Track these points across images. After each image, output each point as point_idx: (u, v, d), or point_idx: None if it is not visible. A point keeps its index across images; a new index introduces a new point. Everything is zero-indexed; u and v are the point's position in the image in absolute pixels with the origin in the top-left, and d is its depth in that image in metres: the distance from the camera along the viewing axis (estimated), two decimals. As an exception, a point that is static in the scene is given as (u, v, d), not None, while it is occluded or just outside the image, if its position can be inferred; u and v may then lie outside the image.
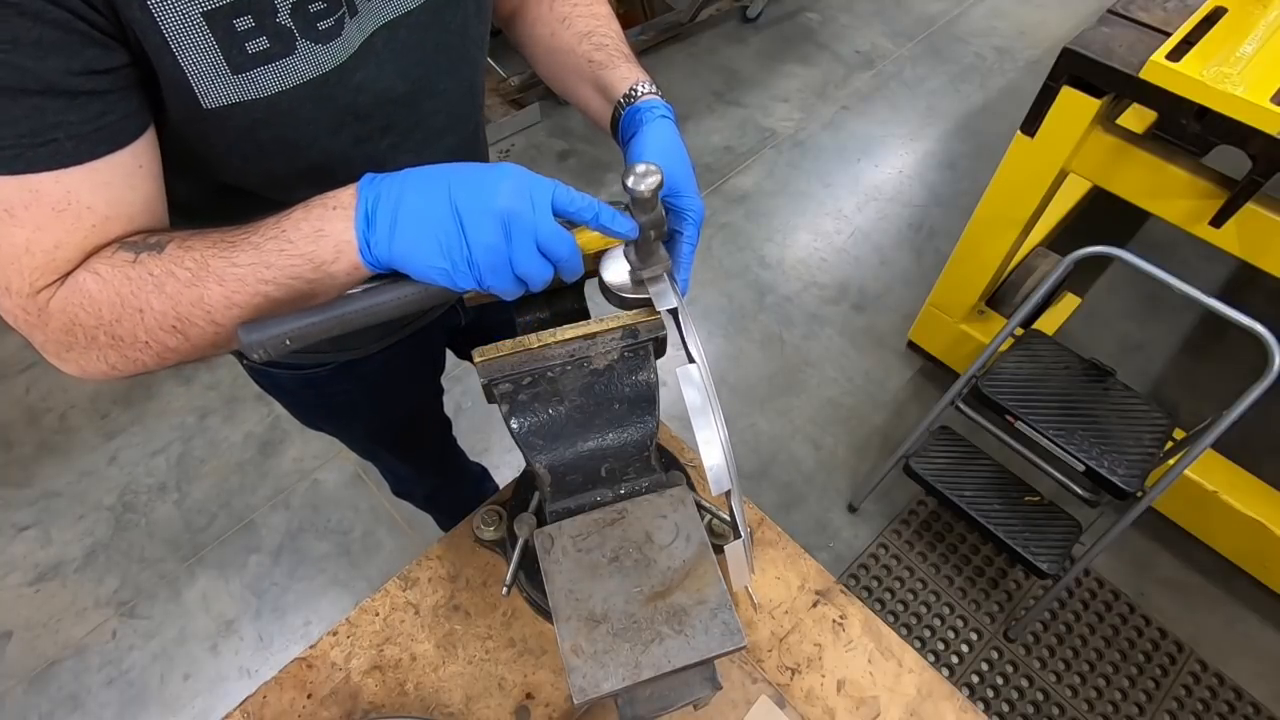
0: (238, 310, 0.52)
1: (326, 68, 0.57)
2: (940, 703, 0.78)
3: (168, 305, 0.51)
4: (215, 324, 0.52)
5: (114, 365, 0.54)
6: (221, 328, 0.52)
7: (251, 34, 0.52)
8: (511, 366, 0.64)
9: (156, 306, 0.51)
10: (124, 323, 0.51)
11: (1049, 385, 1.51)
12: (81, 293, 0.51)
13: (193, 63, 0.51)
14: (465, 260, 0.50)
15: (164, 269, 0.51)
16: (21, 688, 1.65)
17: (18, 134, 0.46)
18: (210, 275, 0.51)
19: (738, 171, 2.68)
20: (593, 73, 0.72)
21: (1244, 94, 1.19)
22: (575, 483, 0.65)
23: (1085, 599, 1.77)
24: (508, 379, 0.64)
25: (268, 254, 0.51)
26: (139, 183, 0.53)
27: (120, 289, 0.51)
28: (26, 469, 1.97)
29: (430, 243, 0.50)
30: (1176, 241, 1.59)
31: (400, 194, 0.51)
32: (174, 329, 0.52)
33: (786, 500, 1.94)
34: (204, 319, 0.52)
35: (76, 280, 0.51)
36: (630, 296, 0.65)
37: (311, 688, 0.78)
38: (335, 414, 1.05)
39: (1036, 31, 3.20)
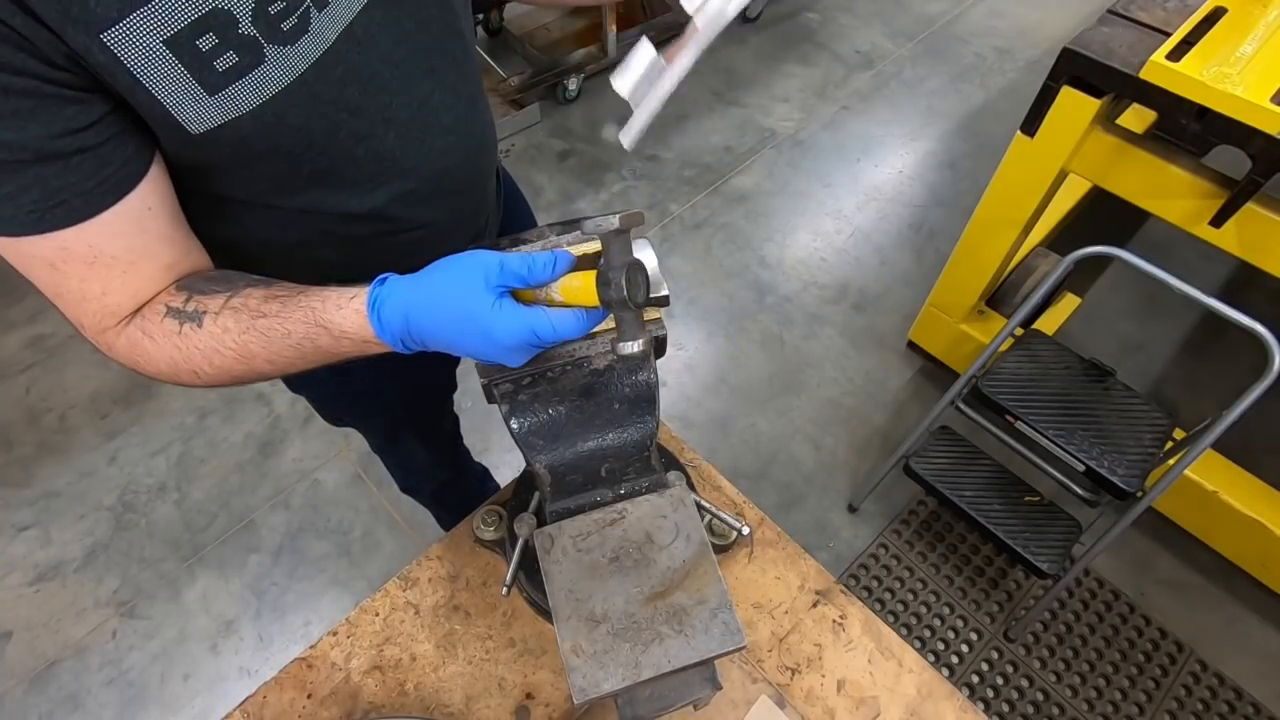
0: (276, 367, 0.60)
1: (301, 68, 0.56)
2: (940, 703, 0.78)
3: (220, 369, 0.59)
4: (258, 374, 0.60)
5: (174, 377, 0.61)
6: (261, 375, 0.61)
7: (217, 51, 0.51)
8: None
9: (208, 371, 0.59)
10: (181, 375, 0.60)
11: (1049, 385, 1.51)
12: (139, 349, 0.59)
13: (168, 93, 0.51)
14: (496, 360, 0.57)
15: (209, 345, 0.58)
16: (21, 688, 1.65)
17: (33, 200, 0.50)
18: (253, 334, 0.58)
19: (738, 171, 2.68)
20: None
21: (1244, 94, 1.18)
22: (575, 483, 0.65)
23: (1085, 599, 1.77)
24: (508, 379, 0.64)
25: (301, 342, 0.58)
26: (150, 224, 0.57)
27: (172, 355, 0.58)
28: (26, 469, 1.97)
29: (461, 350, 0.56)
30: (1176, 241, 1.59)
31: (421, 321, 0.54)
32: (230, 374, 0.60)
33: (786, 500, 1.94)
34: (250, 370, 0.60)
35: (133, 335, 0.59)
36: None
37: (311, 688, 0.78)
38: (360, 403, 1.06)
39: (1036, 31, 3.20)
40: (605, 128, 0.68)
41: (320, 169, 0.63)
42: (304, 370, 0.60)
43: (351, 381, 0.96)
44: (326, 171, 0.64)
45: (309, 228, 0.70)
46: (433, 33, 0.66)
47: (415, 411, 1.14)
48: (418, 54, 0.65)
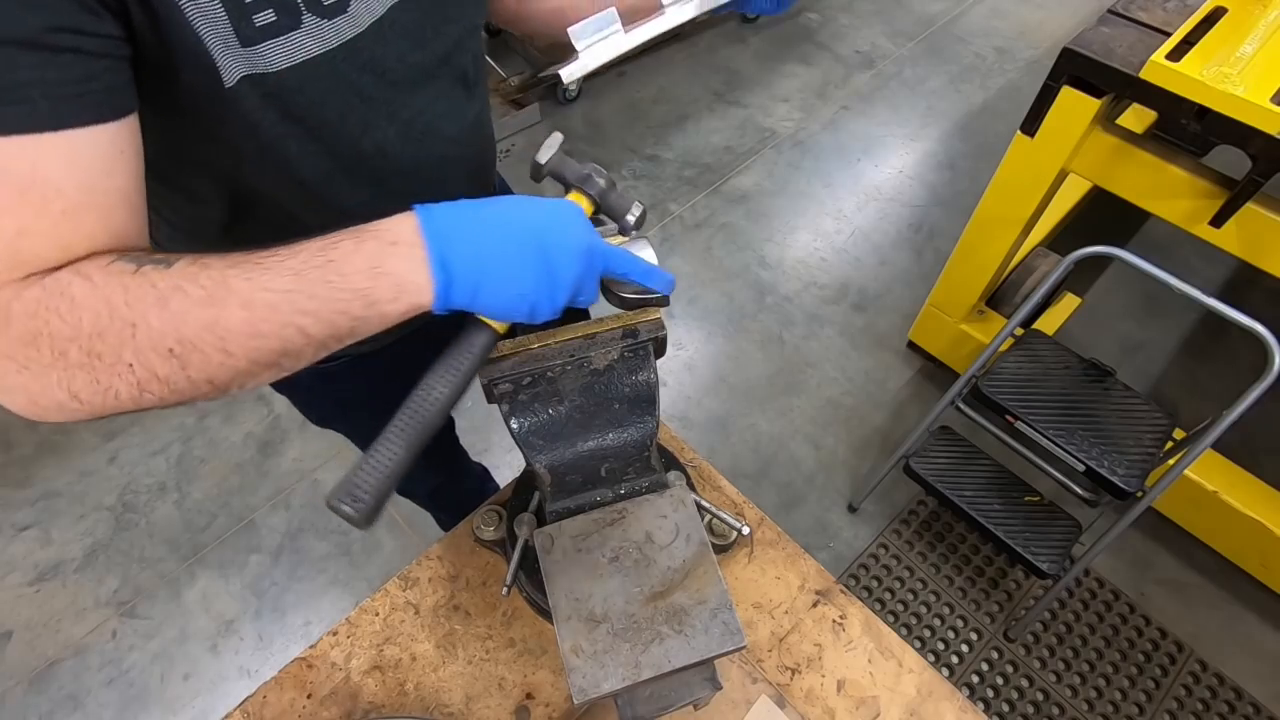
0: (260, 342, 0.46)
1: (333, 44, 0.57)
2: (940, 703, 0.78)
3: (170, 324, 0.44)
4: (227, 354, 0.46)
5: (76, 394, 0.44)
6: (232, 360, 0.46)
7: (259, 5, 0.51)
8: (511, 366, 0.64)
9: (155, 323, 0.44)
10: (108, 337, 0.43)
11: (1049, 385, 1.51)
12: (61, 295, 0.43)
13: (207, 31, 0.49)
14: (550, 297, 0.52)
15: (171, 283, 0.44)
16: (21, 688, 1.65)
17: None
18: (232, 297, 0.45)
19: (738, 171, 2.68)
20: None
21: (1244, 94, 1.18)
22: (575, 483, 0.65)
23: (1085, 599, 1.77)
24: (508, 379, 0.64)
25: (311, 283, 0.46)
26: (118, 170, 0.47)
27: (112, 297, 0.44)
28: (26, 469, 1.97)
29: (518, 283, 0.50)
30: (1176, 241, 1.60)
31: (481, 237, 0.50)
32: (170, 353, 0.44)
33: (786, 500, 1.94)
34: (214, 346, 0.45)
35: (58, 280, 0.44)
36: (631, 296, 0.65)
37: (311, 688, 0.78)
38: (345, 409, 1.05)
39: (1036, 31, 3.20)
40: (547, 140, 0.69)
41: (325, 150, 0.63)
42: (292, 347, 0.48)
43: (334, 385, 0.95)
44: (330, 154, 0.64)
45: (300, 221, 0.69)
46: (448, 46, 0.68)
47: None
48: (431, 62, 0.66)
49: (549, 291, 0.52)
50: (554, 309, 0.53)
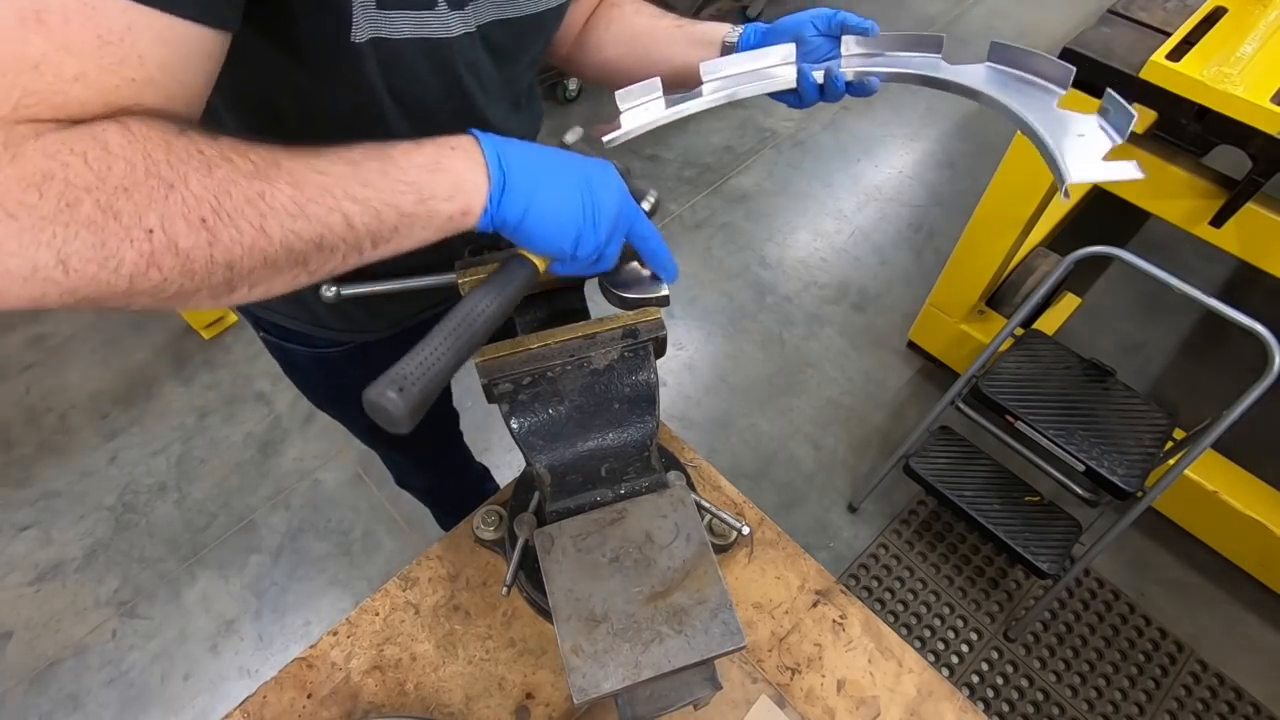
0: (302, 225, 0.43)
1: (455, 33, 0.60)
2: (940, 703, 0.78)
3: (211, 191, 0.40)
4: (263, 233, 0.42)
5: (66, 258, 0.38)
6: (265, 243, 0.43)
7: None
8: (511, 366, 0.64)
9: (195, 188, 0.40)
10: (136, 194, 0.39)
11: (1049, 385, 1.51)
12: (94, 139, 0.39)
13: None
14: (594, 226, 0.54)
15: (218, 152, 0.42)
16: (21, 688, 1.65)
17: None
18: (282, 174, 0.43)
19: (738, 171, 2.68)
20: (685, 33, 0.79)
21: (1244, 94, 1.19)
22: (575, 483, 0.65)
23: (1085, 599, 1.77)
24: (508, 379, 0.64)
25: (366, 172, 0.46)
26: (197, 71, 0.45)
27: (152, 151, 0.40)
28: (26, 469, 1.97)
29: (567, 208, 0.53)
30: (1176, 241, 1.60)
31: (537, 160, 0.53)
32: (202, 223, 0.40)
33: (786, 500, 1.94)
34: (253, 222, 0.42)
35: (94, 126, 0.39)
36: (631, 296, 0.65)
37: (311, 688, 0.78)
38: (342, 397, 1.05)
39: (1036, 31, 3.20)
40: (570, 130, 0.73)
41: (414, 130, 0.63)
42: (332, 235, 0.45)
43: (336, 375, 0.96)
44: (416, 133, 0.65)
45: None
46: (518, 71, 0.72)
47: None
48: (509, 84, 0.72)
49: (592, 224, 0.54)
50: (595, 245, 0.55)
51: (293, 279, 0.46)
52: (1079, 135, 0.64)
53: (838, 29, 0.73)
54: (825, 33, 0.74)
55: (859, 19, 0.73)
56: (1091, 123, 0.65)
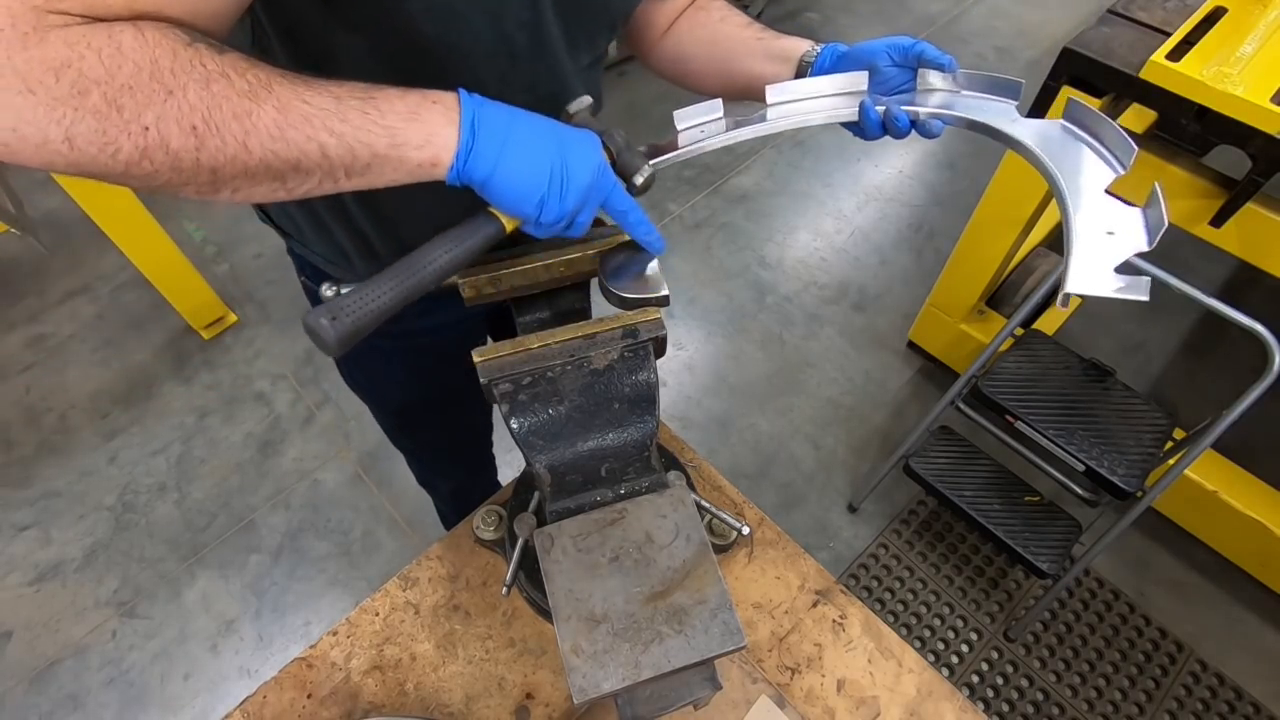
0: (280, 147, 0.47)
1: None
2: (940, 703, 0.78)
3: (204, 102, 0.44)
4: (245, 148, 0.46)
5: (72, 137, 0.43)
6: (246, 156, 0.47)
7: None
8: (511, 366, 0.64)
9: (190, 97, 0.44)
10: (138, 93, 0.43)
11: (1049, 385, 1.51)
12: (110, 38, 0.42)
13: None
14: (559, 195, 0.55)
15: (219, 68, 0.45)
16: (21, 688, 1.65)
17: None
18: (271, 97, 0.46)
19: (738, 171, 2.68)
20: (764, 46, 0.79)
21: (1244, 94, 1.19)
22: (575, 483, 0.65)
23: (1085, 599, 1.77)
24: (508, 379, 0.64)
25: (347, 109, 0.49)
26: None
27: (159, 58, 0.43)
28: (26, 469, 1.97)
29: (533, 174, 0.54)
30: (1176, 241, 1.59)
31: (510, 124, 0.54)
32: (193, 130, 0.45)
33: (786, 500, 1.94)
34: (236, 136, 0.46)
35: (112, 26, 0.43)
36: (631, 296, 0.65)
37: (311, 688, 0.78)
38: (371, 381, 1.06)
39: (1036, 31, 3.20)
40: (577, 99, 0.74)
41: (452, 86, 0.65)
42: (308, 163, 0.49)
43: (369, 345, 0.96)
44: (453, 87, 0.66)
45: None
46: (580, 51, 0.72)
47: (428, 402, 1.10)
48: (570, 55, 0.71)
49: (559, 191, 0.55)
50: (560, 211, 0.56)
51: (270, 191, 0.50)
52: (1109, 233, 0.60)
53: (914, 60, 0.70)
54: (900, 63, 0.71)
55: (937, 52, 0.70)
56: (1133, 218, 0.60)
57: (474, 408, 1.21)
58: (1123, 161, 0.63)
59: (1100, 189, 0.62)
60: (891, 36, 0.71)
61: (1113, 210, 0.61)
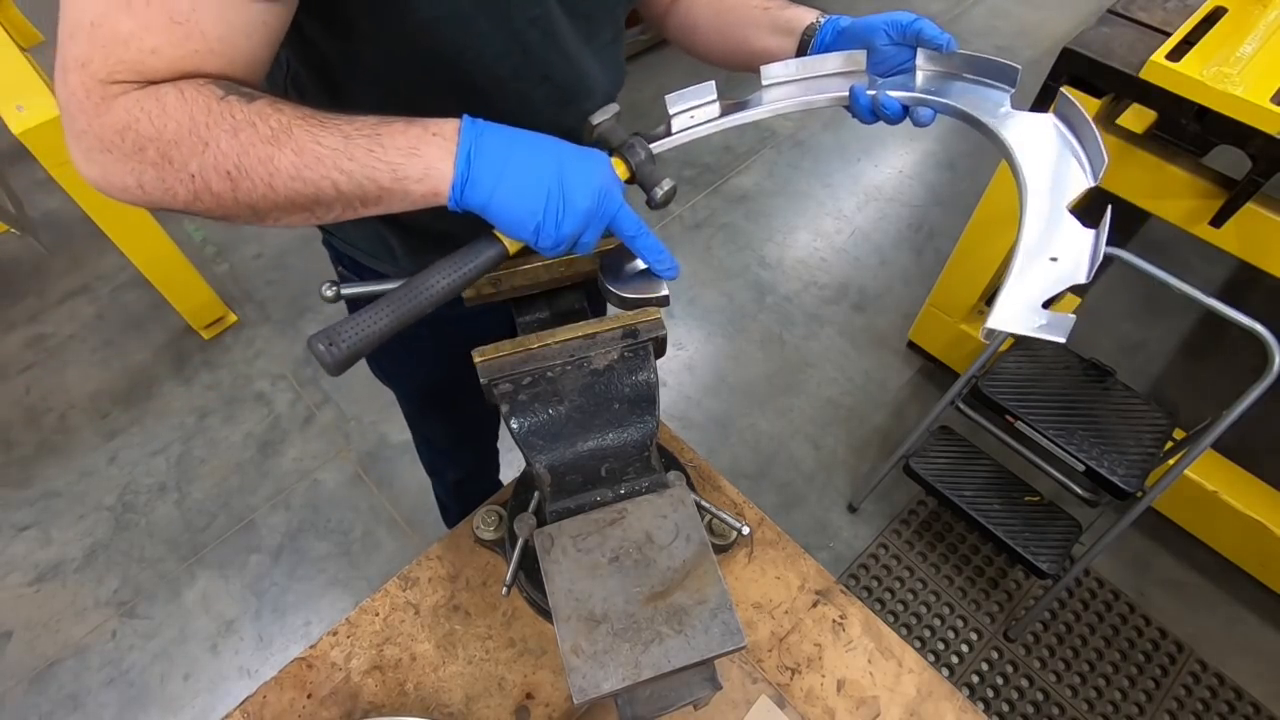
0: (300, 185, 0.53)
1: None
2: (940, 703, 0.78)
3: (234, 151, 0.51)
4: (271, 188, 0.52)
5: (142, 185, 0.52)
6: (274, 195, 0.53)
7: None
8: (511, 366, 0.64)
9: (223, 147, 0.51)
10: (182, 147, 0.51)
11: (1049, 385, 1.51)
12: (157, 101, 0.50)
13: None
14: (556, 221, 0.56)
15: (246, 118, 0.51)
16: (21, 688, 1.65)
17: None
18: (290, 141, 0.52)
19: (738, 171, 2.68)
20: (770, 17, 0.78)
21: (1244, 94, 1.19)
22: (575, 483, 0.65)
23: (1085, 599, 1.77)
24: (508, 379, 0.64)
25: (355, 148, 0.53)
26: (256, 38, 0.54)
27: (196, 115, 0.51)
28: (26, 469, 1.97)
29: (529, 200, 0.55)
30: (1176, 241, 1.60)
31: (508, 151, 0.56)
32: (228, 175, 0.52)
33: (786, 500, 1.94)
34: (263, 178, 0.52)
35: (160, 89, 0.51)
36: (631, 296, 0.65)
37: (311, 688, 0.78)
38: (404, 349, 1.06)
39: (1036, 31, 3.20)
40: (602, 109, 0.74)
41: (471, 88, 0.66)
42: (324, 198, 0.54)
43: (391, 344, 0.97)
44: (470, 91, 0.66)
45: None
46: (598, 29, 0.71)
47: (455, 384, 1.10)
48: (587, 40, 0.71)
49: (555, 217, 0.56)
50: (558, 237, 0.57)
51: (305, 219, 0.56)
52: (1052, 259, 0.57)
53: (912, 39, 0.70)
54: (898, 41, 0.70)
55: (935, 31, 0.69)
56: (1082, 244, 0.57)
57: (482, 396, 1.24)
58: (1095, 172, 0.62)
59: (1066, 201, 0.60)
60: (893, 12, 0.70)
61: (1066, 231, 0.58)
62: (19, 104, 1.58)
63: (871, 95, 0.68)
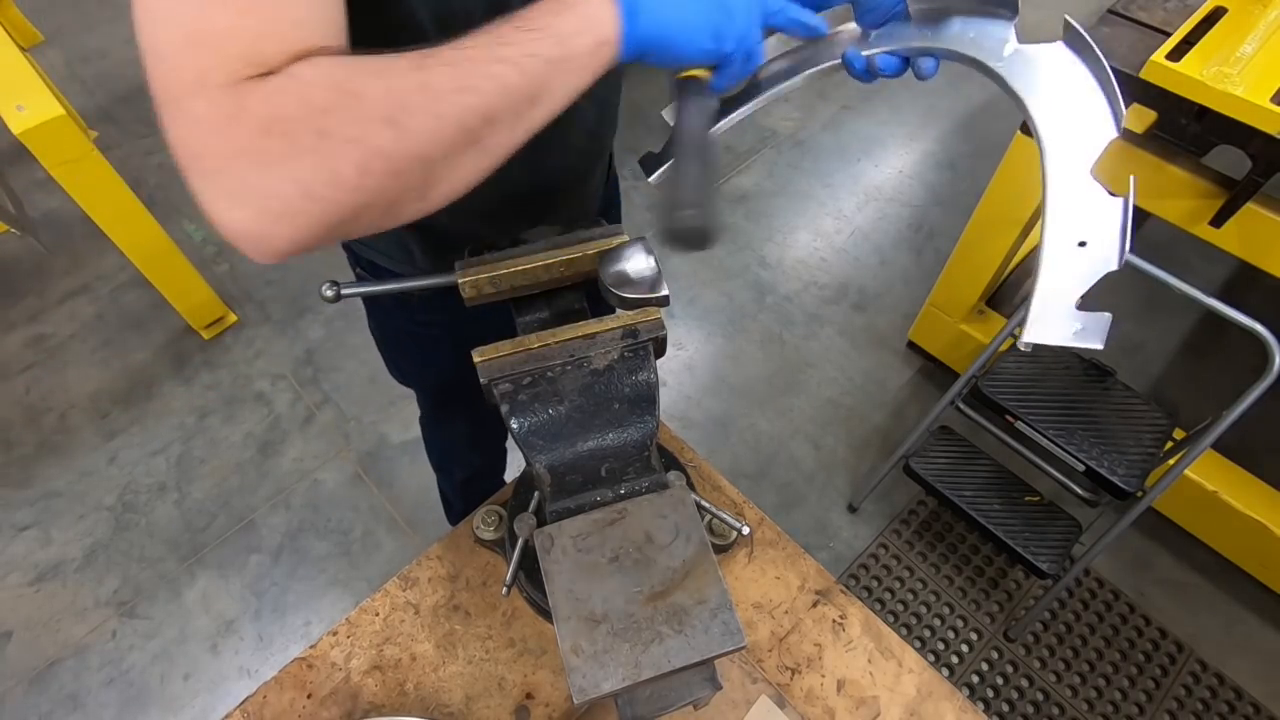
0: (464, 99, 0.48)
1: None
2: (940, 703, 0.78)
3: (386, 90, 0.47)
4: (437, 116, 0.47)
5: (305, 185, 0.45)
6: (441, 125, 0.48)
7: None
8: (511, 366, 0.64)
9: (374, 92, 0.46)
10: (335, 112, 0.45)
11: (1049, 385, 1.51)
12: (291, 77, 0.46)
13: None
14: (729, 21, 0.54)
15: (382, 60, 0.48)
16: (21, 688, 1.65)
17: None
18: (435, 61, 0.48)
19: (738, 171, 2.68)
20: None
21: (1244, 94, 1.19)
22: (575, 483, 0.65)
23: (1085, 599, 1.77)
24: (508, 379, 0.64)
25: (501, 34, 0.50)
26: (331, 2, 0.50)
27: (335, 73, 0.46)
28: (26, 469, 1.97)
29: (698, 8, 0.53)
30: (1176, 241, 1.60)
31: None
32: (389, 120, 0.46)
33: (786, 500, 1.94)
34: (426, 108, 0.47)
35: (288, 69, 0.46)
36: (631, 296, 0.65)
37: (311, 688, 0.78)
38: (419, 349, 1.07)
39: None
40: None
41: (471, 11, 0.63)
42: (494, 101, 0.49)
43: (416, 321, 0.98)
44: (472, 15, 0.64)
45: None
46: None
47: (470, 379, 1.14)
48: None
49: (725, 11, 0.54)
50: (736, 33, 0.55)
51: (474, 162, 0.51)
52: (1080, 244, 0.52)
53: None
54: None
55: None
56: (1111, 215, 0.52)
57: None
58: (1117, 117, 0.55)
59: (1090, 161, 0.55)
60: None
61: (1093, 202, 0.53)
62: (19, 104, 1.58)
63: (866, 56, 0.67)
